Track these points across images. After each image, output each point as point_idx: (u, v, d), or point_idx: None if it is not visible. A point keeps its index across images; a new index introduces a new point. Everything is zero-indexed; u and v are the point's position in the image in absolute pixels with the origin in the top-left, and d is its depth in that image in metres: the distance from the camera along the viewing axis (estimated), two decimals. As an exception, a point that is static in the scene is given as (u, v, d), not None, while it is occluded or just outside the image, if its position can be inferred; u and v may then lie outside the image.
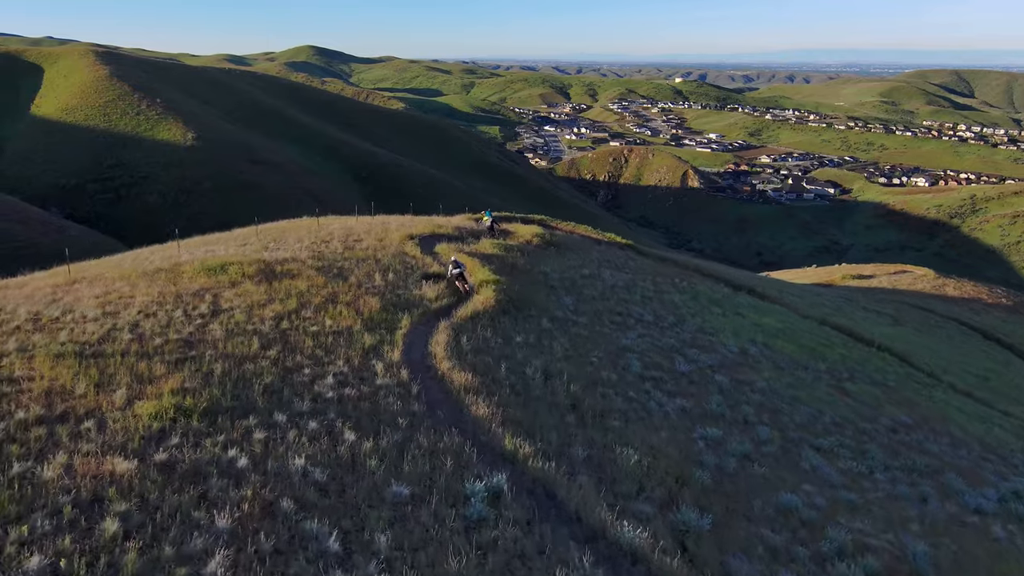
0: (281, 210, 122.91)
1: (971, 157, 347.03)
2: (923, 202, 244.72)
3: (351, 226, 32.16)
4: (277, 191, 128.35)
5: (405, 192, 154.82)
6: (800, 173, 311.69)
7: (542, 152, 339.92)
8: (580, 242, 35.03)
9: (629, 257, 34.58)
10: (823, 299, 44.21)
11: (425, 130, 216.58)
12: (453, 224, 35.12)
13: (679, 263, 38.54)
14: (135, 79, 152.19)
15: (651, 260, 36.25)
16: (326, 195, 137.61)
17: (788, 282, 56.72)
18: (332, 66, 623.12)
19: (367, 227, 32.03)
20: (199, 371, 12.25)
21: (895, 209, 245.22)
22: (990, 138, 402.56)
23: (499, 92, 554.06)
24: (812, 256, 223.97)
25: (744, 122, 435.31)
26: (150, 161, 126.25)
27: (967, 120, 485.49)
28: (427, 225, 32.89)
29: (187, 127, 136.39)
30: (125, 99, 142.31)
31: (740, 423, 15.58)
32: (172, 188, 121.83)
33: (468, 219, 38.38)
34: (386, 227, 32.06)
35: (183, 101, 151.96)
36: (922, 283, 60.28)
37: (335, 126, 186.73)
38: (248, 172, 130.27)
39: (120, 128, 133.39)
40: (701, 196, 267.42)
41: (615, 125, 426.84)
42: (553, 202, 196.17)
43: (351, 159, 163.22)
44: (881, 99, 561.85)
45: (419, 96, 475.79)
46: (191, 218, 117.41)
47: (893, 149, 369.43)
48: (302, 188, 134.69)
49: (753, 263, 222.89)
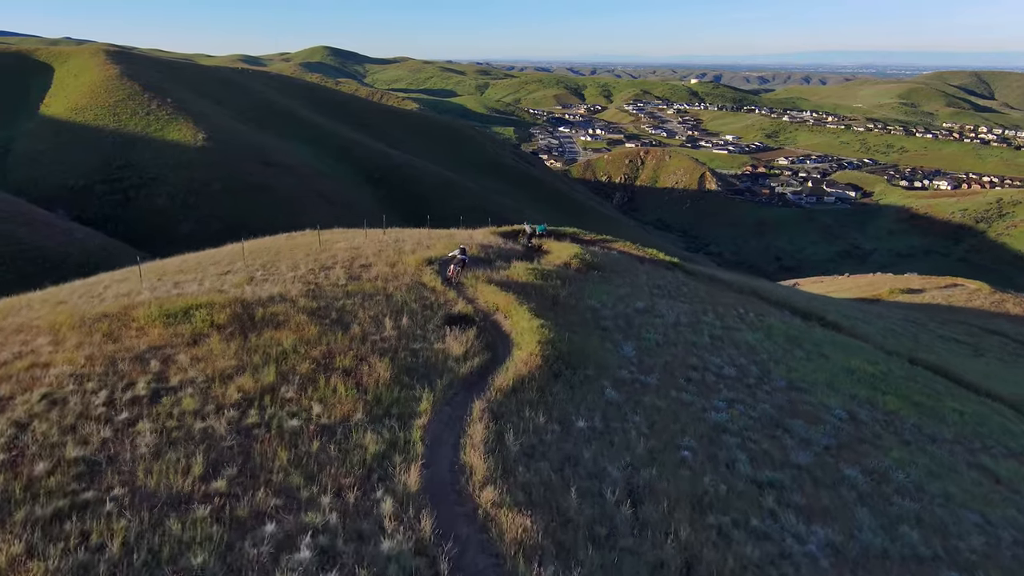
0: (291, 214, 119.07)
1: (994, 160, 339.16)
2: (947, 206, 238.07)
3: (358, 246, 27.40)
4: (288, 193, 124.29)
5: (418, 194, 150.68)
6: (819, 175, 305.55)
7: (557, 153, 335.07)
8: (622, 261, 30.24)
9: (680, 281, 29.71)
10: (891, 323, 39.07)
11: (439, 131, 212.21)
12: (477, 241, 30.36)
13: (733, 286, 33.61)
14: (146, 79, 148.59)
15: (703, 283, 31.40)
16: (337, 197, 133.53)
17: (837, 299, 51.51)
18: (346, 67, 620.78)
19: (377, 246, 27.26)
20: (83, 545, 7.51)
21: (918, 213, 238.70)
22: (1013, 140, 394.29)
23: (513, 93, 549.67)
24: (833, 261, 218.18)
25: (761, 124, 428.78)
26: (159, 162, 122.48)
27: (988, 122, 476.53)
28: (447, 244, 28.08)
29: (197, 127, 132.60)
30: (135, 99, 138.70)
31: (913, 561, 10.73)
32: (181, 189, 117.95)
33: (493, 233, 33.67)
34: (400, 247, 27.28)
35: (194, 101, 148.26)
36: (979, 299, 55.01)
37: (348, 127, 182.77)
38: (259, 174, 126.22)
39: (130, 128, 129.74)
40: (719, 199, 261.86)
41: (630, 126, 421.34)
42: (570, 205, 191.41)
43: (363, 160, 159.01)
44: (900, 101, 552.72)
45: (433, 97, 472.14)
46: (200, 220, 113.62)
47: (913, 151, 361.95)
48: (314, 190, 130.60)
49: (773, 268, 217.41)
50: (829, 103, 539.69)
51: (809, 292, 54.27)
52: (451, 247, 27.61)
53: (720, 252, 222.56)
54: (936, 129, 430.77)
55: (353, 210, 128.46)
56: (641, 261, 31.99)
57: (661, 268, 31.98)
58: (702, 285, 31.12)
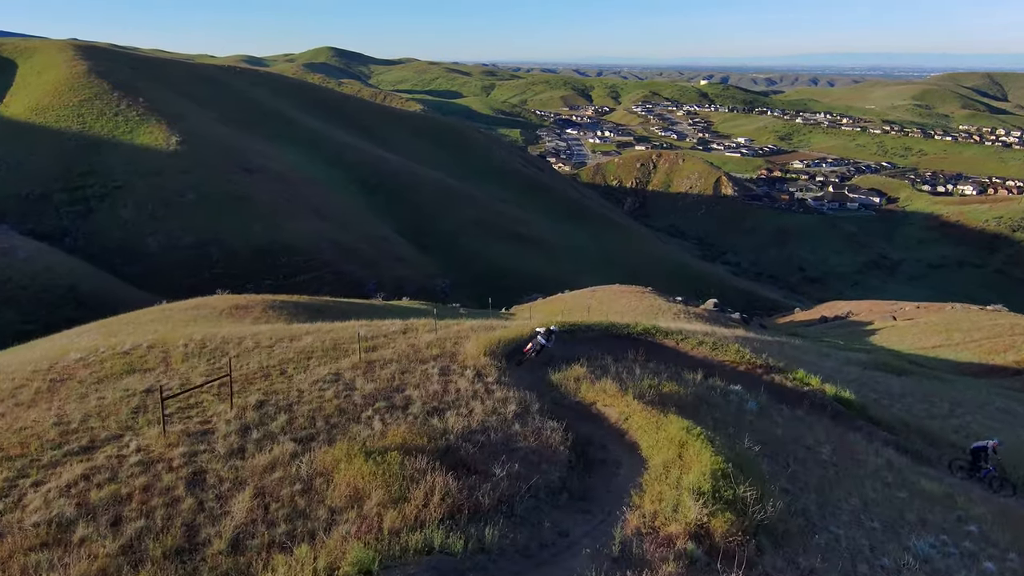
0: (272, 227, 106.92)
1: (1016, 163, 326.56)
2: (980, 213, 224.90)
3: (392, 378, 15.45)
4: (271, 204, 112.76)
5: (418, 203, 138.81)
6: (838, 180, 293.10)
7: (565, 156, 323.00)
8: (765, 428, 17.48)
9: (896, 472, 16.74)
10: None
11: (442, 133, 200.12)
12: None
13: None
14: (116, 76, 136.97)
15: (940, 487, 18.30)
16: (327, 208, 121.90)
17: None
18: (351, 67, 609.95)
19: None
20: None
21: (949, 221, 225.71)
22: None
23: (520, 94, 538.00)
24: (860, 272, 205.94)
25: (774, 126, 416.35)
26: (127, 169, 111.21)
27: (1005, 124, 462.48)
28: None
29: (171, 130, 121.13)
30: (103, 98, 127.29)
31: None
32: (150, 199, 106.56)
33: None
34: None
35: (170, 101, 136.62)
36: None
37: (343, 129, 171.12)
38: (239, 181, 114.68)
39: (95, 131, 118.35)
40: (736, 205, 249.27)
41: (639, 128, 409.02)
42: (582, 213, 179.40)
43: (359, 166, 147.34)
44: (914, 102, 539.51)
45: (438, 98, 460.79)
46: (169, 234, 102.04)
47: (932, 154, 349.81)
48: (301, 199, 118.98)
49: (796, 279, 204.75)
50: (841, 104, 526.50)
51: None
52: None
53: (738, 262, 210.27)
54: (954, 131, 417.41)
55: (345, 225, 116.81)
56: (792, 401, 19.09)
57: (845, 426, 18.59)
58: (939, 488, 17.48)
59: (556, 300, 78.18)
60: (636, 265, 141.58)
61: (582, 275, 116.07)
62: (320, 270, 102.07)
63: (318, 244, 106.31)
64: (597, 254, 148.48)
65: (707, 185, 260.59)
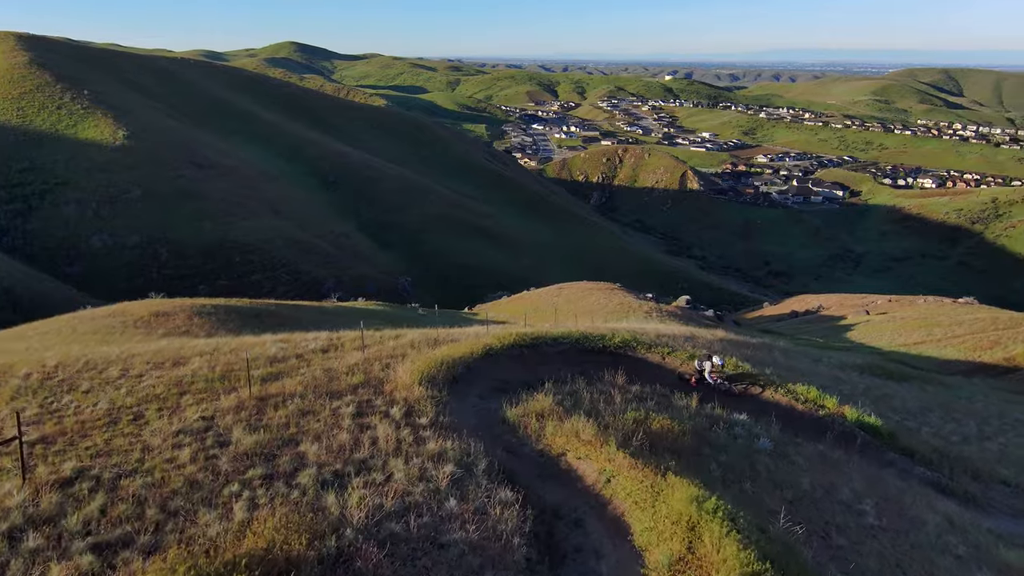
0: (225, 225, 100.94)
1: (973, 157, 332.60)
2: (940, 206, 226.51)
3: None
4: (224, 200, 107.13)
5: (380, 199, 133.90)
6: (802, 174, 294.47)
7: (531, 151, 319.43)
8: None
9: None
10: None
11: (406, 128, 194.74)
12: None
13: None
14: (60, 68, 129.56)
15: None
16: (285, 204, 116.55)
17: None
18: (314, 63, 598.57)
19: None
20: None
21: (911, 214, 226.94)
22: (991, 137, 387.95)
23: (485, 89, 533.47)
24: (825, 265, 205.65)
25: (738, 120, 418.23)
26: (70, 164, 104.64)
27: (961, 119, 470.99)
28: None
29: (118, 124, 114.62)
30: (45, 90, 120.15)
31: None
32: (94, 196, 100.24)
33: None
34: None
35: (118, 94, 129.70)
36: None
37: (303, 124, 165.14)
38: (189, 177, 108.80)
39: (36, 125, 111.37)
40: (701, 199, 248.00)
41: (605, 123, 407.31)
42: (548, 208, 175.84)
43: (318, 161, 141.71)
44: (873, 98, 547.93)
45: (403, 93, 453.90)
46: (114, 233, 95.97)
47: (893, 148, 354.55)
48: (256, 196, 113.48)
49: (761, 273, 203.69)
50: (803, 100, 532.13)
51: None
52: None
53: (705, 256, 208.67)
54: (913, 126, 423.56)
55: (303, 222, 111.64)
56: (807, 430, 14.91)
57: (871, 464, 14.57)
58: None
59: (522, 298, 74.41)
60: (603, 260, 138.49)
61: (549, 271, 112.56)
62: (276, 269, 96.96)
63: (274, 242, 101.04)
64: (564, 250, 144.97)
65: (673, 180, 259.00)
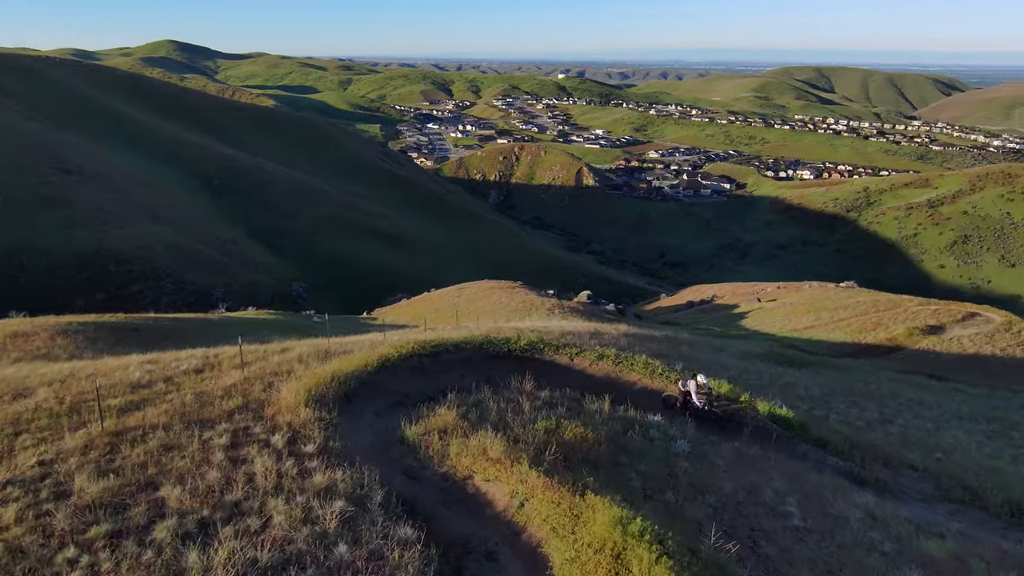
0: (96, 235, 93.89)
1: (845, 149, 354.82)
2: (818, 196, 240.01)
3: None
4: (96, 207, 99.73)
5: (270, 202, 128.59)
6: (691, 168, 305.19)
7: (427, 151, 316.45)
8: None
9: None
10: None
11: (296, 128, 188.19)
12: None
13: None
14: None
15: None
16: (165, 210, 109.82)
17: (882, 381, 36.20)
18: (196, 62, 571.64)
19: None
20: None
21: (793, 204, 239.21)
22: (861, 131, 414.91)
23: (378, 89, 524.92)
24: (717, 255, 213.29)
25: (629, 117, 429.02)
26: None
27: (834, 114, 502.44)
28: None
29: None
30: None
31: None
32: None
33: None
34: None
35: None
36: (1006, 338, 42.38)
37: (183, 125, 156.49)
38: (54, 183, 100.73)
39: None
40: (597, 195, 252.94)
41: (501, 122, 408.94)
42: (446, 208, 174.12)
43: (202, 164, 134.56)
44: (754, 94, 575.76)
45: (292, 93, 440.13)
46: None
47: (774, 142, 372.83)
48: (132, 202, 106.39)
49: (657, 264, 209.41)
50: (690, 97, 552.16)
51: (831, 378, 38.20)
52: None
53: (603, 251, 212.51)
54: (791, 121, 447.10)
55: (187, 228, 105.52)
56: (722, 428, 14.24)
57: (788, 458, 13.96)
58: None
59: (422, 300, 72.76)
60: (503, 259, 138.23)
61: (449, 271, 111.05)
62: (159, 279, 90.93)
63: (154, 249, 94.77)
64: (463, 249, 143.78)
65: (569, 176, 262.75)
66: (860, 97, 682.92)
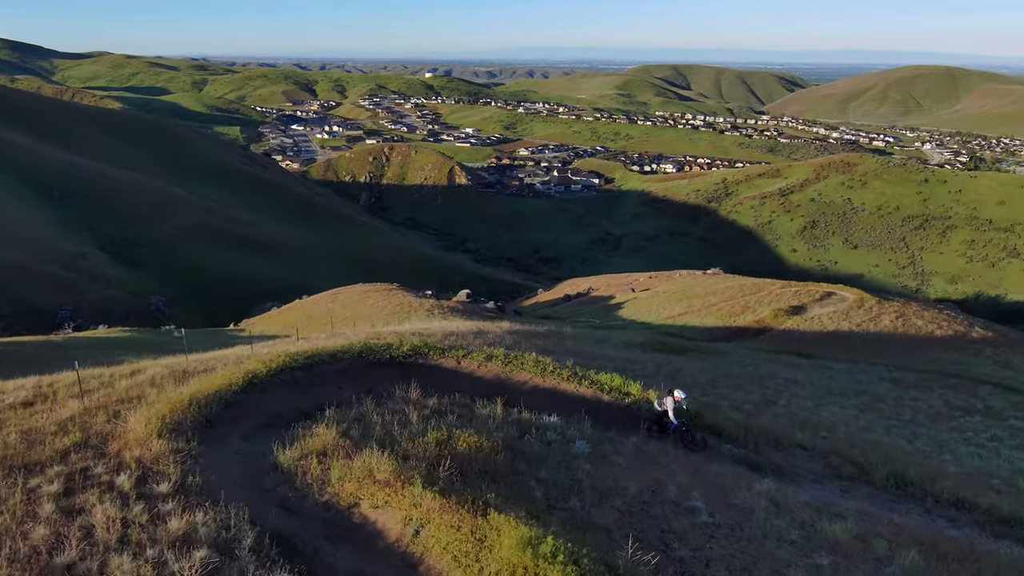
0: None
1: (703, 143, 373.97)
2: (681, 188, 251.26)
3: None
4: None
5: (121, 212, 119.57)
6: (561, 164, 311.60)
7: (293, 153, 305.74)
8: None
9: None
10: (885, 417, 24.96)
11: (144, 131, 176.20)
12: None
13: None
14: None
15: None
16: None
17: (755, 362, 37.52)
18: (28, 62, 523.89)
19: None
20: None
21: (658, 196, 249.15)
22: (716, 126, 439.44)
23: (237, 90, 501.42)
24: (589, 249, 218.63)
25: (498, 116, 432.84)
26: None
27: (691, 110, 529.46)
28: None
29: None
30: None
31: None
32: None
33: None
34: None
35: None
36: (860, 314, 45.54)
37: (16, 131, 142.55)
38: None
39: None
40: (470, 193, 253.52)
41: (368, 122, 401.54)
42: (315, 211, 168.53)
43: (36, 172, 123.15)
44: (617, 92, 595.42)
45: (141, 95, 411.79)
46: None
47: (638, 138, 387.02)
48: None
49: (532, 260, 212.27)
50: (557, 95, 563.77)
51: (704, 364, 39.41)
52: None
53: (478, 249, 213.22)
54: (653, 117, 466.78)
55: (23, 243, 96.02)
56: (618, 423, 13.74)
57: (686, 450, 13.66)
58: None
59: (294, 308, 69.53)
60: (378, 261, 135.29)
61: (322, 277, 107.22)
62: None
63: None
64: (336, 253, 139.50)
65: (441, 176, 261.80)
66: (714, 93, 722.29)
